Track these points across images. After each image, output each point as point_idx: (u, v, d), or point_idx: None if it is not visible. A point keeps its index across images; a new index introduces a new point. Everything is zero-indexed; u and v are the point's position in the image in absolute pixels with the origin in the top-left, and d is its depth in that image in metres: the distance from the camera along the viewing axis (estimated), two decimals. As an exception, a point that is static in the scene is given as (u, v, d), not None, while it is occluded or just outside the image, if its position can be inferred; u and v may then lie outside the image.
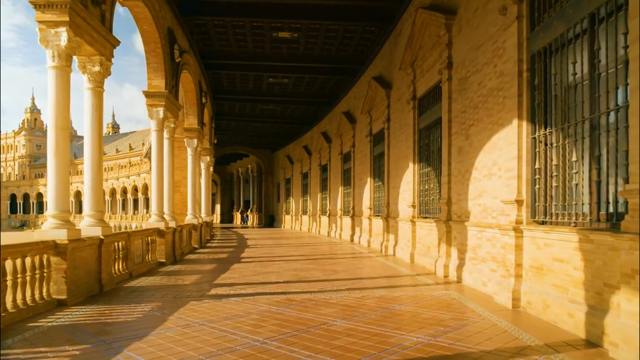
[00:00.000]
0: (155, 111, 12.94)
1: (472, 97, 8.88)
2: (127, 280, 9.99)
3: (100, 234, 8.56)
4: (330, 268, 11.78)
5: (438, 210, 11.19)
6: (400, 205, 14.46)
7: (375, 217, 17.69)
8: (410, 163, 13.08)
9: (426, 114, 12.09)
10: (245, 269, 11.68)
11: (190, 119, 18.58)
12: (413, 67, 12.69)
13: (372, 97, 17.67)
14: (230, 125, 34.10)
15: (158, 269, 11.83)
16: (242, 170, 54.19)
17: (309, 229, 31.75)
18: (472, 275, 8.62)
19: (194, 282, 9.69)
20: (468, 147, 9.02)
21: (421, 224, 12.13)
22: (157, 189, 13.14)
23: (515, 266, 6.71)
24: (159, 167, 13.11)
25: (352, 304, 7.31)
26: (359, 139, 20.49)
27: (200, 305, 7.30)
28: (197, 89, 18.31)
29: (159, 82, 13.02)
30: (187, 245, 16.84)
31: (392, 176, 15.44)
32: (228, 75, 22.15)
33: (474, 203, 8.76)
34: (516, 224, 6.72)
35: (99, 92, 8.85)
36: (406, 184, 13.71)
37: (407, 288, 8.74)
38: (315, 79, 21.99)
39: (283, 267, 12.00)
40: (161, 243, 12.80)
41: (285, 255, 15.42)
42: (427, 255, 11.43)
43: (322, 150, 28.34)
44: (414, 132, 12.78)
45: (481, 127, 8.43)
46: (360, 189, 20.19)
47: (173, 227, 13.77)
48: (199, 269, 11.92)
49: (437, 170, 11.33)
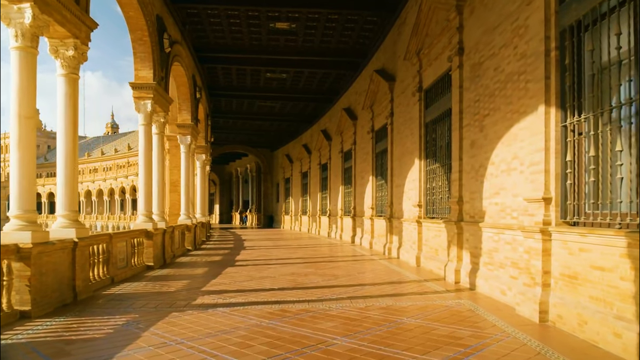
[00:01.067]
0: (143, 104, 12.07)
1: (487, 85, 8.00)
2: (108, 286, 9.12)
3: (74, 236, 7.70)
4: (330, 272, 10.91)
5: (447, 210, 10.32)
6: (404, 205, 13.59)
7: (378, 217, 16.82)
8: (415, 159, 12.20)
9: (433, 106, 11.21)
10: (238, 274, 10.81)
11: (184, 115, 17.71)
12: (419, 56, 11.82)
13: (374, 92, 16.80)
14: (227, 123, 33.23)
15: (145, 274, 10.96)
16: (241, 170, 53.34)
17: (309, 229, 30.88)
18: (488, 282, 7.74)
19: (181, 289, 8.82)
20: (482, 140, 8.15)
21: (428, 224, 11.26)
22: (145, 188, 12.28)
23: (543, 274, 5.83)
24: (146, 164, 12.24)
25: (355, 316, 6.44)
26: (360, 135, 19.62)
27: (182, 317, 6.43)
28: (191, 83, 17.46)
29: (146, 73, 12.15)
30: (179, 247, 15.97)
31: (395, 174, 14.56)
32: (224, 70, 21.28)
33: (489, 202, 7.88)
34: (543, 225, 5.85)
35: (74, 79, 7.99)
36: (411, 182, 12.84)
37: (416, 296, 7.87)
38: (314, 73, 21.12)
39: (279, 272, 11.13)
40: (149, 245, 11.93)
41: (283, 258, 14.55)
42: (435, 259, 10.56)
43: (322, 148, 27.48)
44: (420, 126, 11.91)
45: (498, 116, 7.56)
46: (362, 188, 19.32)
47: (162, 228, 12.90)
48: (189, 274, 11.05)
49: (446, 166, 10.46)
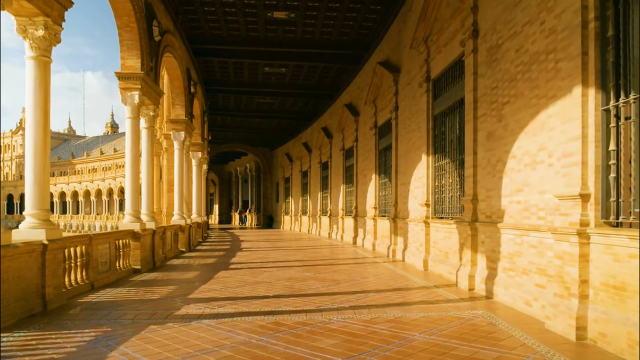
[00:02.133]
0: (130, 95, 11.23)
1: (507, 69, 7.15)
2: (87, 293, 8.28)
3: (44, 238, 6.86)
4: (330, 277, 10.06)
5: (459, 209, 9.47)
6: (410, 204, 12.74)
7: (381, 217, 15.97)
8: (422, 155, 11.35)
9: (443, 96, 10.37)
10: (231, 278, 9.97)
11: (177, 110, 16.87)
12: (427, 44, 10.97)
13: (377, 85, 15.95)
14: (225, 120, 32.39)
15: (130, 278, 10.12)
16: (241, 170, 52.49)
17: (309, 230, 30.02)
18: (508, 291, 6.88)
19: (166, 296, 7.98)
20: (501, 131, 7.30)
21: (437, 225, 10.41)
22: (132, 186, 11.44)
23: (580, 283, 4.97)
24: (134, 161, 11.40)
25: (359, 330, 5.59)
26: (363, 132, 18.77)
27: (160, 332, 5.58)
28: (185, 77, 16.62)
29: (133, 62, 11.31)
30: (172, 248, 15.14)
31: (400, 171, 13.71)
32: (220, 64, 20.42)
33: (510, 200, 7.03)
34: (580, 226, 4.99)
35: (45, 63, 7.15)
36: (418, 179, 11.99)
37: (426, 306, 7.01)
38: (314, 67, 20.27)
39: (276, 276, 10.28)
40: (136, 247, 11.09)
41: (280, 260, 13.70)
42: (445, 263, 9.71)
43: (322, 146, 26.63)
44: (428, 119, 11.06)
45: (520, 103, 6.71)
46: (364, 187, 18.47)
47: (152, 228, 12.06)
48: (178, 278, 10.20)
49: (457, 162, 9.61)
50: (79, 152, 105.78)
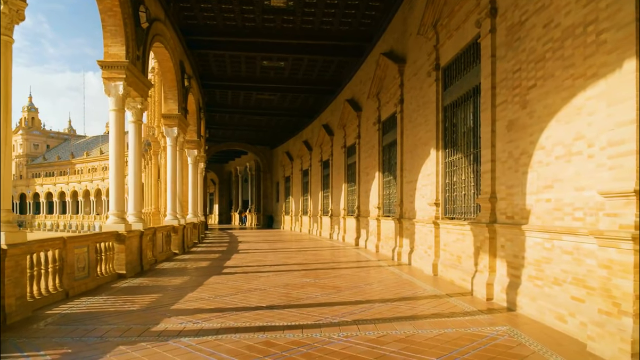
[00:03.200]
0: (114, 86, 10.36)
1: (532, 48, 6.26)
2: (59, 302, 7.42)
3: (3, 243, 6.00)
4: (331, 283, 9.17)
5: (473, 208, 8.58)
6: (417, 204, 11.84)
7: (385, 217, 15.08)
8: (431, 150, 10.46)
9: (454, 85, 9.48)
10: (222, 285, 9.09)
11: (170, 104, 16.00)
12: (436, 29, 10.08)
13: (381, 77, 15.06)
14: (224, 118, 31.53)
15: (113, 284, 9.25)
16: (241, 169, 51.60)
17: (310, 230, 29.13)
18: (535, 303, 5.99)
19: (147, 307, 7.10)
20: (526, 119, 6.40)
21: (448, 226, 9.51)
22: (116, 184, 10.57)
23: (634, 300, 4.08)
24: (118, 157, 10.54)
25: (364, 353, 4.71)
26: (365, 128, 17.88)
27: (129, 354, 4.71)
28: (178, 69, 15.74)
29: (117, 50, 10.44)
30: (164, 251, 14.27)
31: (406, 169, 12.82)
32: (216, 58, 19.53)
33: (537, 198, 6.13)
34: (636, 229, 4.10)
35: (6, 43, 6.28)
36: (425, 177, 11.10)
37: (441, 320, 6.12)
38: (314, 61, 19.37)
39: (271, 282, 9.40)
40: (120, 250, 10.22)
41: (278, 264, 12.82)
42: (458, 268, 8.82)
43: (323, 144, 25.75)
44: (437, 111, 10.16)
45: (550, 86, 5.81)
46: (367, 186, 17.58)
47: (139, 230, 11.19)
48: (165, 284, 9.33)
49: (471, 156, 8.72)
50: (79, 151, 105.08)
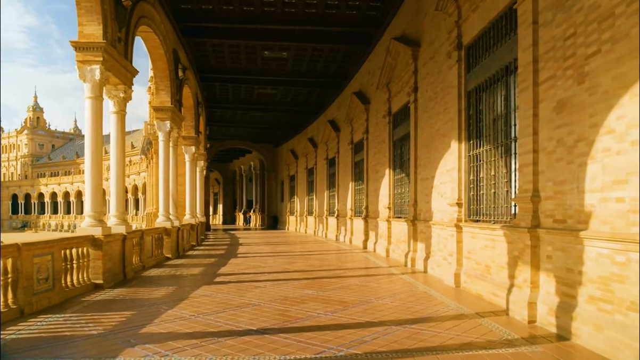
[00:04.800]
0: (89, 70, 9.10)
1: (595, 4, 4.89)
2: (11, 322, 6.17)
3: None
4: (336, 297, 7.85)
5: (505, 210, 7.22)
6: (434, 204, 10.49)
7: (397, 219, 13.72)
8: (452, 143, 9.10)
9: (480, 65, 8.11)
10: (210, 299, 7.80)
11: (162, 96, 14.75)
12: (457, 2, 8.72)
13: (391, 66, 13.70)
14: (225, 115, 30.28)
15: (84, 297, 7.99)
16: (245, 168, 50.32)
17: (315, 231, 27.81)
18: (603, 333, 4.62)
19: (111, 330, 5.82)
20: (584, 97, 5.04)
21: (473, 230, 8.15)
22: (93, 181, 9.32)
23: None
24: (95, 150, 9.30)
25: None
26: (374, 122, 16.53)
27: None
28: (170, 58, 14.49)
29: (93, 30, 9.17)
30: (154, 255, 13.03)
31: (421, 164, 11.46)
32: (214, 48, 18.25)
33: (602, 197, 4.77)
34: None
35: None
36: (445, 173, 9.74)
37: (478, 354, 4.76)
38: (319, 50, 18.03)
39: (267, 295, 8.10)
40: (97, 257, 8.96)
41: (278, 271, 11.52)
42: (486, 280, 7.46)
43: (329, 141, 24.43)
44: (459, 97, 8.81)
45: (623, 50, 4.45)
46: (376, 184, 16.23)
47: (120, 233, 9.95)
48: (145, 298, 8.06)
49: (502, 148, 7.36)
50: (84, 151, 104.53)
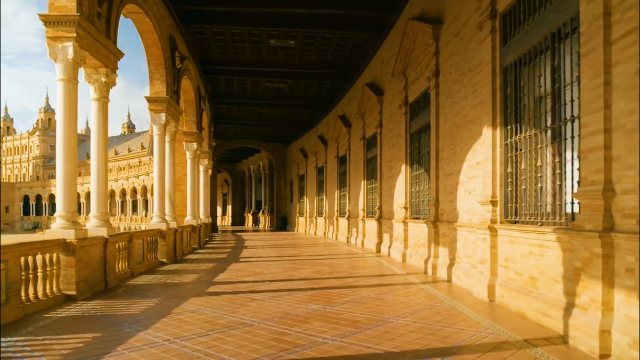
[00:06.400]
0: (61, 48, 7.86)
1: None
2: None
3: None
4: (347, 315, 6.48)
5: (557, 209, 5.79)
6: (460, 202, 9.07)
7: (414, 220, 12.31)
8: (484, 130, 7.69)
9: (522, 33, 6.69)
10: (194, 317, 6.48)
11: (156, 86, 13.52)
12: (491, -39, 7.32)
13: (408, 50, 12.31)
14: (232, 111, 29.09)
15: (48, 313, 6.73)
16: (254, 168, 49.10)
17: (325, 233, 26.44)
18: None
19: (59, 361, 4.54)
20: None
21: (513, 234, 6.72)
22: (65, 174, 8.07)
23: None
24: (67, 140, 8.04)
25: None
26: (388, 114, 15.14)
27: None
28: (165, 44, 13.24)
29: (66, 2, 7.90)
30: (146, 260, 11.79)
31: (444, 158, 10.04)
32: (215, 35, 16.92)
33: None
34: None
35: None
36: (474, 167, 8.33)
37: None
38: (329, 38, 16.65)
39: (264, 311, 6.76)
40: (69, 264, 7.71)
41: (280, 279, 10.18)
42: (532, 295, 6.03)
43: (339, 138, 23.07)
44: (493, 75, 7.39)
45: None
46: (390, 182, 14.83)
47: (101, 236, 8.71)
48: (118, 313, 6.77)
49: (550, 132, 5.93)
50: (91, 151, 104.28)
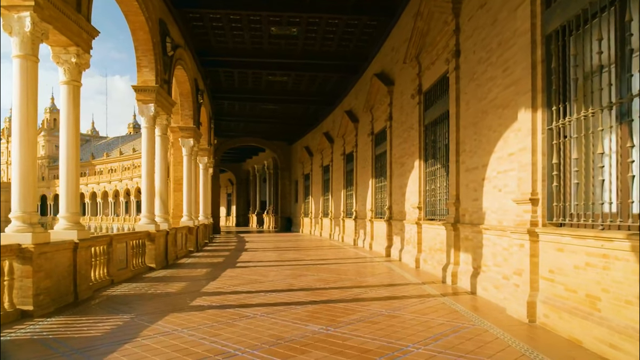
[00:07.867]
0: (17, 19, 6.66)
1: None
2: None
3: None
4: (354, 341, 5.19)
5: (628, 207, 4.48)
6: (487, 201, 7.76)
7: (429, 221, 11.01)
8: (519, 114, 6.39)
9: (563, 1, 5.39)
10: (162, 345, 5.23)
11: (145, 74, 12.31)
12: None
13: (423, 32, 11.03)
14: (233, 107, 27.92)
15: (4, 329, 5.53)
16: (258, 167, 47.91)
17: (331, 235, 25.17)
18: None
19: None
20: None
21: (561, 241, 5.41)
22: (21, 169, 6.87)
23: None
24: (25, 129, 6.84)
25: None
26: (399, 105, 13.85)
27: None
28: (154, 28, 12.04)
29: (23, -36, 6.73)
30: (129, 266, 10.61)
31: (466, 150, 8.74)
32: (213, 22, 15.69)
33: None
34: None
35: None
36: (505, 159, 7.03)
37: None
38: (334, 25, 15.36)
39: (253, 334, 5.51)
40: (25, 274, 6.51)
41: (279, 289, 8.92)
42: (591, 319, 4.72)
43: (346, 134, 21.81)
44: (533, 45, 6.09)
45: None
46: (401, 180, 13.54)
47: (69, 240, 7.51)
48: (74, 336, 5.56)
49: (614, 111, 4.62)
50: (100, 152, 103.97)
